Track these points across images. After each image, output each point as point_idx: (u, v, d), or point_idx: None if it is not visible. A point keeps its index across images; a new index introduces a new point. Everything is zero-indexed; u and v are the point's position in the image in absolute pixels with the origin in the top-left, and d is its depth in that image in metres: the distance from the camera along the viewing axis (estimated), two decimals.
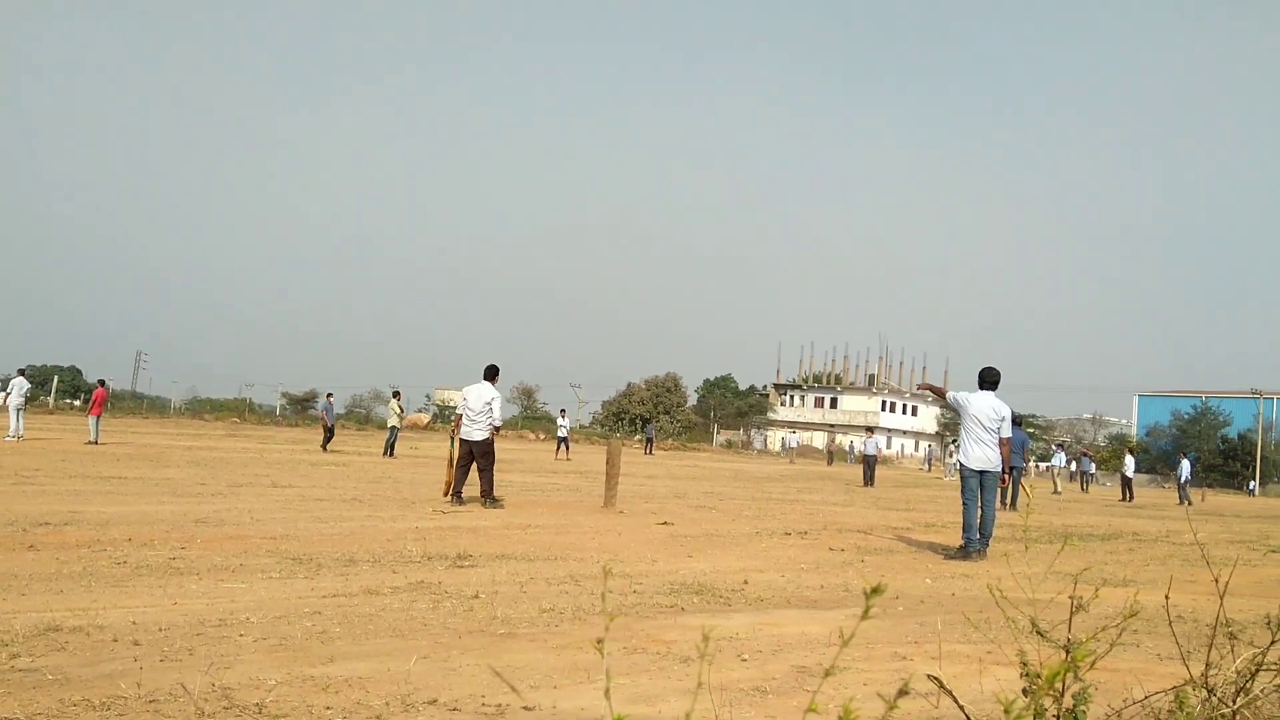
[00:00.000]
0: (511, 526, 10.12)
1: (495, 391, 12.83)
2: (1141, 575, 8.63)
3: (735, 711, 3.61)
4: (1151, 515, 20.69)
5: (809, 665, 4.50)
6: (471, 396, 12.70)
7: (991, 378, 10.02)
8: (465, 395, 12.81)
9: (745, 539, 10.28)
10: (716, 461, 43.93)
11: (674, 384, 77.70)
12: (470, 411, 12.61)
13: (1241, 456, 64.49)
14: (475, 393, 12.73)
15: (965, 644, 5.10)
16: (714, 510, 14.02)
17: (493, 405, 12.68)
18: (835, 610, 6.15)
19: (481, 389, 12.76)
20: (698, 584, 6.88)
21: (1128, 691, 3.49)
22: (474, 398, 12.68)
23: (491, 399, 12.69)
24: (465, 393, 12.83)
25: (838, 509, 16.09)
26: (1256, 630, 3.01)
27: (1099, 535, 13.39)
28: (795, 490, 21.98)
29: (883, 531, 12.16)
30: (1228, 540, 13.89)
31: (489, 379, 12.95)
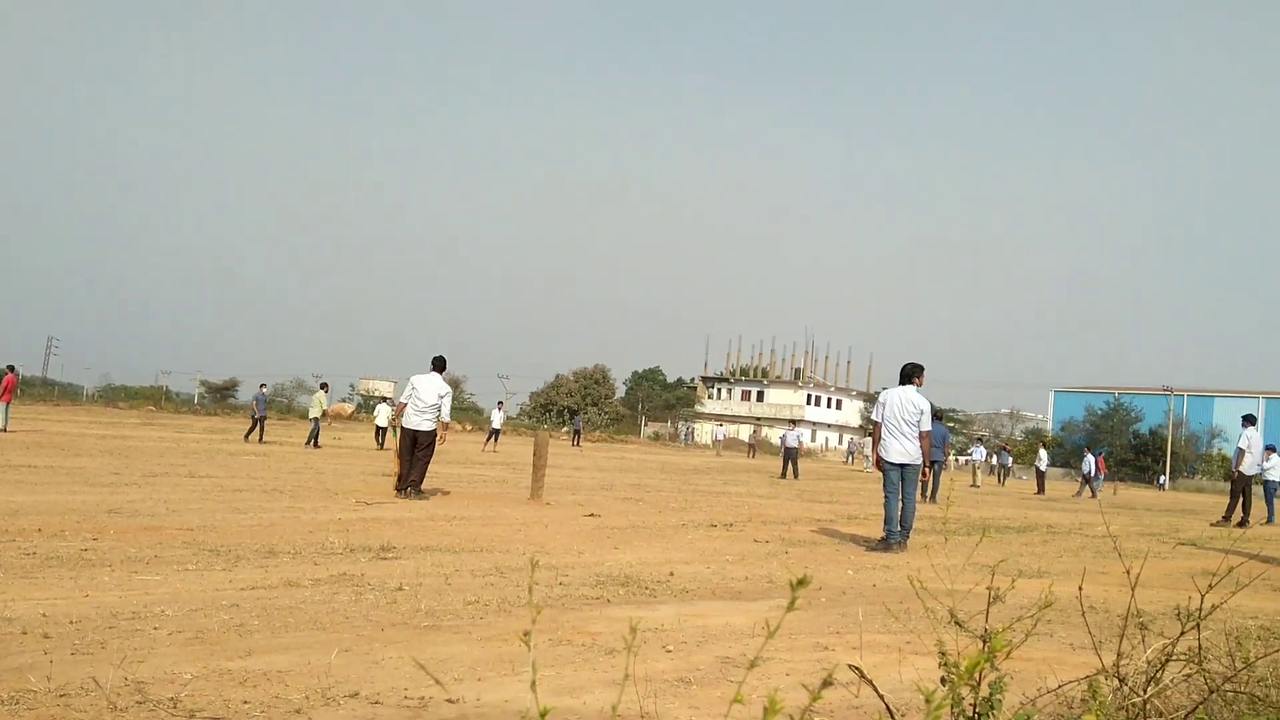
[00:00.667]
0: (436, 518, 10.03)
1: (447, 386, 12.77)
2: (1056, 567, 8.84)
3: (660, 703, 3.62)
4: (1065, 508, 21.22)
5: (733, 656, 4.53)
6: (422, 387, 12.58)
7: (912, 372, 10.20)
8: (415, 385, 12.65)
9: (671, 531, 10.32)
10: (644, 453, 44.04)
11: (602, 376, 77.74)
12: (420, 402, 12.50)
13: (1153, 451, 66.50)
14: (426, 383, 12.61)
15: (886, 634, 5.18)
16: (641, 502, 14.06)
17: (444, 400, 12.63)
18: (759, 601, 6.20)
19: (433, 380, 12.66)
20: (624, 576, 6.89)
21: (1042, 681, 3.58)
22: (425, 388, 12.56)
23: (444, 393, 12.63)
24: (415, 382, 12.68)
25: (763, 501, 16.24)
26: (1167, 621, 3.10)
27: (1015, 528, 13.70)
28: (721, 482, 22.13)
29: (806, 523, 12.30)
30: (1139, 533, 14.32)
31: (437, 370, 12.87)
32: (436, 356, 12.93)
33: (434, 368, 12.85)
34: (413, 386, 12.67)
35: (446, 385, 12.76)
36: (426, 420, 12.49)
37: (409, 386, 12.77)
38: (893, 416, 9.99)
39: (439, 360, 12.94)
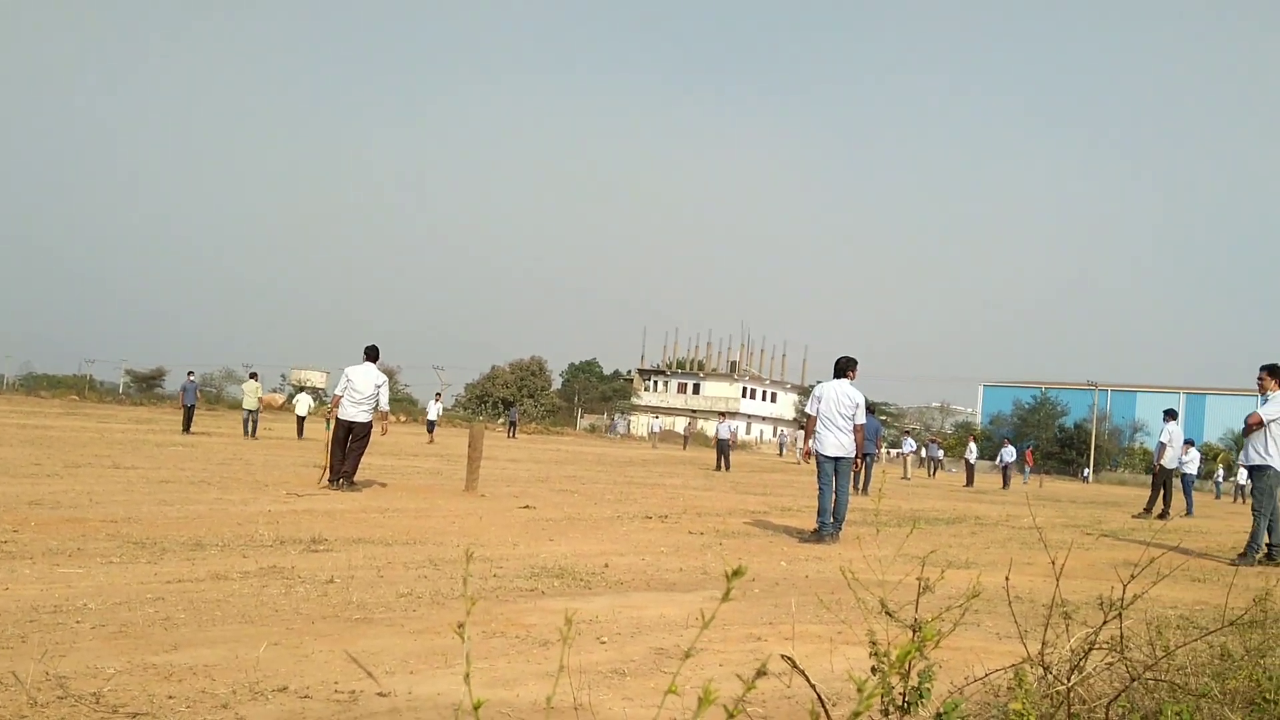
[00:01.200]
0: (369, 510, 9.92)
1: (383, 375, 12.69)
2: (983, 558, 9.01)
3: (594, 694, 3.62)
4: (993, 500, 21.64)
5: (667, 647, 4.55)
6: (357, 378, 12.47)
7: (846, 366, 10.31)
8: (350, 376, 12.52)
9: (607, 523, 10.33)
10: (580, 445, 43.99)
11: (539, 367, 77.44)
12: (356, 393, 12.38)
13: (1077, 445, 68.04)
14: (361, 374, 12.51)
15: (818, 624, 5.23)
16: (576, 494, 14.04)
17: (381, 390, 12.55)
18: (694, 593, 6.23)
19: (368, 371, 12.57)
20: (558, 567, 6.87)
21: (969, 669, 3.64)
22: (360, 379, 12.46)
23: (381, 383, 12.55)
24: (349, 373, 12.55)
25: (698, 493, 16.32)
26: (1090, 610, 3.17)
27: (944, 519, 13.93)
28: (657, 474, 22.19)
29: (740, 515, 12.38)
30: (1063, 525, 14.64)
31: (371, 359, 12.76)
32: (369, 346, 12.82)
33: (367, 358, 12.75)
34: (347, 378, 12.54)
35: (382, 375, 12.67)
36: (363, 411, 12.39)
37: (344, 378, 12.63)
38: (828, 410, 10.09)
39: (372, 350, 12.82)
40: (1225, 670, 3.30)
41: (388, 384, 12.76)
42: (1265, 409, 9.90)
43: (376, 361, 12.83)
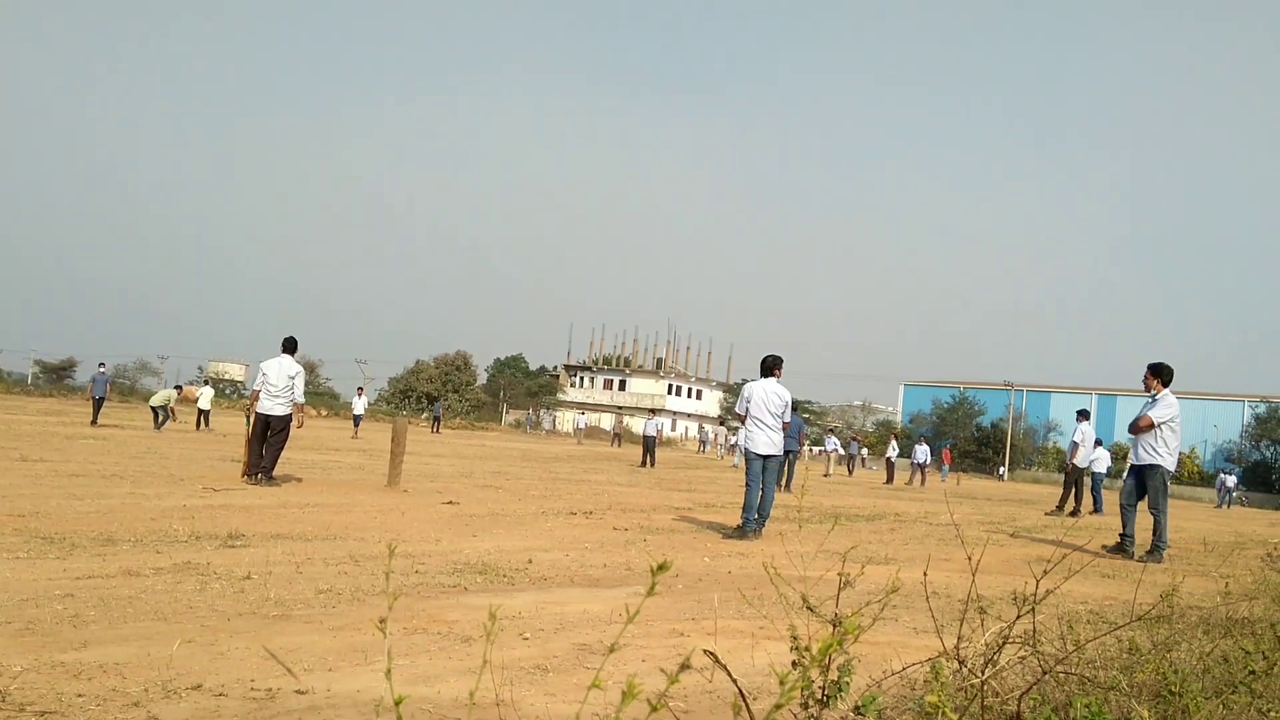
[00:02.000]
0: (288, 505, 9.75)
1: (298, 366, 12.52)
2: (902, 554, 9.16)
3: (516, 690, 3.61)
4: (912, 497, 22.01)
5: (590, 643, 4.55)
6: (272, 371, 12.31)
7: (774, 364, 10.41)
8: (265, 370, 12.37)
9: (531, 518, 10.29)
10: (505, 441, 43.75)
11: (464, 362, 76.77)
12: (272, 386, 12.22)
13: (994, 443, 69.46)
14: (275, 367, 12.34)
15: (740, 620, 5.27)
16: (500, 490, 13.96)
17: (295, 381, 12.39)
18: (617, 589, 6.24)
19: (282, 363, 12.39)
20: (482, 563, 6.83)
21: (888, 663, 3.69)
22: (275, 372, 12.29)
23: (294, 374, 12.38)
24: (264, 368, 12.40)
25: (623, 489, 16.33)
26: (1004, 605, 3.24)
27: (865, 516, 14.13)
28: (582, 470, 22.16)
29: (665, 511, 12.42)
30: (979, 522, 14.94)
31: (288, 351, 12.57)
32: (286, 338, 12.64)
33: (285, 349, 12.58)
34: (263, 373, 12.40)
35: (297, 366, 12.52)
36: (280, 404, 12.24)
37: (259, 373, 12.48)
38: (759, 409, 10.19)
39: (289, 341, 12.65)
40: (1133, 664, 3.40)
41: (302, 375, 12.61)
42: (1156, 411, 10.19)
43: (294, 353, 12.65)
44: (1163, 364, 10.34)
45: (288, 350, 12.58)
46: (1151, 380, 10.34)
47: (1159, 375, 10.32)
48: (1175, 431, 10.29)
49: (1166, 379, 10.34)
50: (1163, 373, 10.32)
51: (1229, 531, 17.99)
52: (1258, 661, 3.24)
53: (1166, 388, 10.33)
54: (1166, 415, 10.18)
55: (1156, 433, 10.17)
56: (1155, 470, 10.17)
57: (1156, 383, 10.32)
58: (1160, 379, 10.31)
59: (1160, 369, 10.33)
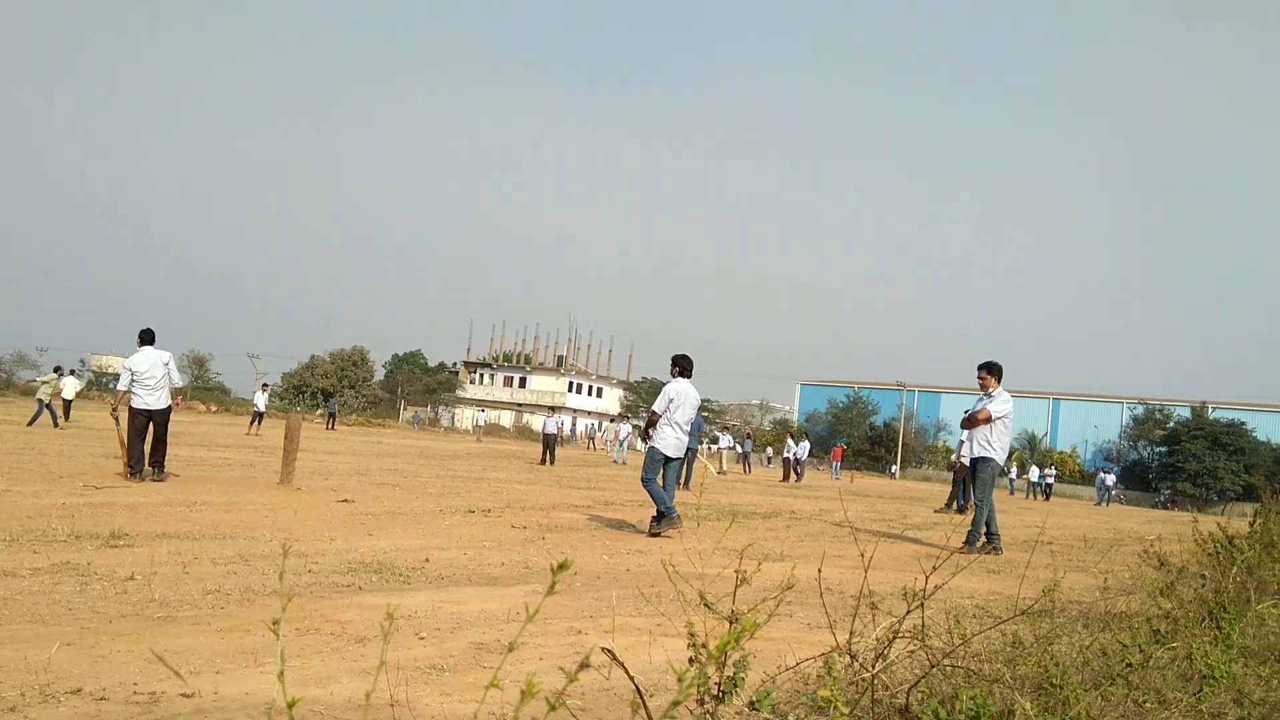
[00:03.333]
0: (175, 503, 9.46)
1: (167, 353, 12.25)
2: (797, 550, 9.31)
3: (411, 690, 3.56)
4: (807, 495, 22.37)
5: (488, 642, 4.51)
6: (143, 365, 11.98)
7: (690, 365, 10.47)
8: (133, 367, 12.04)
9: (428, 517, 10.17)
10: (403, 438, 43.14)
11: (361, 358, 75.42)
12: (150, 380, 11.93)
13: (886, 442, 71.12)
14: (145, 359, 12.02)
15: (638, 617, 5.30)
16: (397, 488, 13.76)
17: (170, 367, 12.14)
18: (516, 587, 6.21)
19: (148, 354, 12.09)
20: (377, 562, 6.73)
21: (782, 659, 3.75)
22: (147, 365, 11.97)
23: (167, 360, 12.13)
24: (133, 364, 12.06)
25: (522, 487, 16.25)
26: (895, 601, 3.32)
27: (761, 513, 14.32)
28: (481, 468, 21.98)
29: (564, 509, 12.41)
30: (872, 519, 15.28)
31: (148, 342, 12.27)
32: (144, 330, 12.36)
33: (145, 341, 12.30)
34: (131, 370, 12.08)
35: (166, 353, 12.29)
36: (162, 396, 12.02)
37: (126, 372, 12.14)
38: (679, 410, 10.25)
39: (148, 333, 12.37)
40: (1016, 657, 3.51)
41: (173, 359, 12.42)
42: (994, 406, 10.51)
43: (153, 343, 12.36)
44: (994, 362, 10.67)
45: (147, 341, 12.30)
46: (988, 379, 10.67)
47: (992, 372, 10.65)
48: (1008, 428, 10.63)
49: (999, 376, 10.69)
50: (996, 370, 10.66)
51: (1108, 529, 18.73)
52: (1134, 655, 3.38)
53: (999, 384, 10.68)
54: (1003, 411, 10.51)
55: (992, 427, 10.48)
56: (988, 463, 10.47)
57: (993, 380, 10.65)
58: (994, 376, 10.65)
59: (993, 366, 10.66)
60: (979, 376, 10.78)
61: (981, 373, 10.76)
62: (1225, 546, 7.10)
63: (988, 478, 10.52)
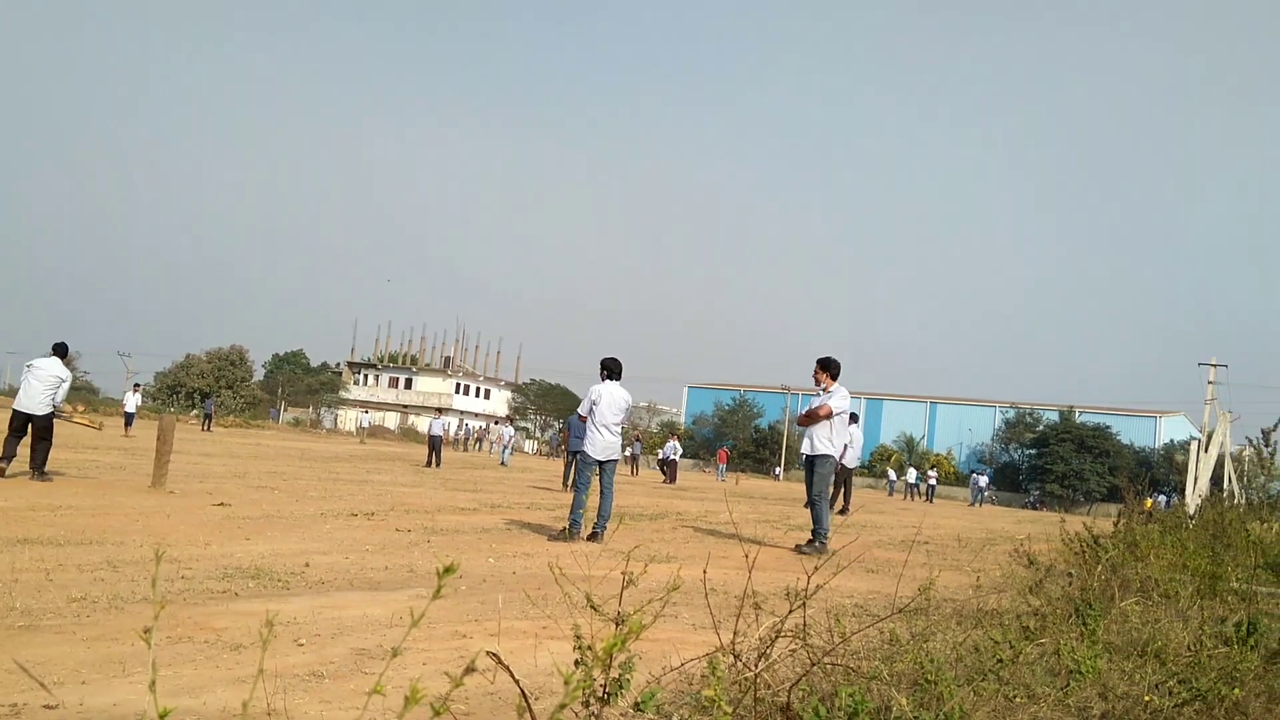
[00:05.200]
0: (38, 508, 9.04)
1: (67, 373, 12.56)
2: (683, 552, 9.38)
3: (289, 698, 3.48)
4: (693, 497, 22.58)
5: (370, 648, 4.44)
6: (38, 368, 12.33)
7: (618, 367, 10.43)
8: (32, 366, 12.38)
9: (309, 520, 9.94)
10: (283, 440, 42.07)
11: (239, 357, 73.22)
12: (40, 384, 12.17)
13: (770, 444, 72.29)
14: (41, 363, 12.40)
15: (524, 620, 5.27)
16: (276, 491, 13.41)
17: (62, 387, 12.41)
18: (399, 591, 6.12)
19: (51, 365, 12.39)
20: (254, 568, 6.55)
21: (667, 659, 3.78)
22: (44, 372, 12.28)
23: (65, 378, 12.46)
24: (34, 365, 12.37)
25: (407, 490, 16.02)
26: (778, 601, 3.38)
27: (648, 515, 14.39)
28: (364, 471, 21.58)
29: (450, 512, 12.27)
30: (756, 520, 15.49)
31: (58, 354, 12.65)
32: (59, 343, 12.74)
33: (56, 353, 12.69)
34: (29, 366, 12.46)
35: (66, 372, 12.60)
36: (42, 405, 12.14)
37: (26, 369, 12.53)
38: (603, 413, 10.21)
39: (60, 346, 12.75)
40: (893, 654, 3.61)
41: (69, 383, 12.69)
42: (834, 401, 10.41)
43: (65, 358, 12.77)
44: (831, 358, 10.59)
45: (58, 354, 12.65)
46: (822, 375, 10.55)
47: (827, 369, 10.54)
48: (845, 425, 10.59)
49: (834, 373, 10.57)
50: (830, 366, 10.56)
51: (981, 529, 19.37)
52: (1005, 651, 3.51)
53: (836, 381, 10.56)
54: (842, 406, 10.43)
55: (830, 424, 10.38)
56: (826, 460, 10.38)
57: (826, 376, 10.53)
58: (829, 373, 10.55)
59: (828, 363, 10.57)
60: (815, 374, 10.64)
61: (817, 369, 10.62)
62: (1091, 546, 7.42)
63: (826, 474, 10.43)
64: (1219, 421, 39.70)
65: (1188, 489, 35.02)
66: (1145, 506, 14.91)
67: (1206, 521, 11.95)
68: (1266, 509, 15.98)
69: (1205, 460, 35.88)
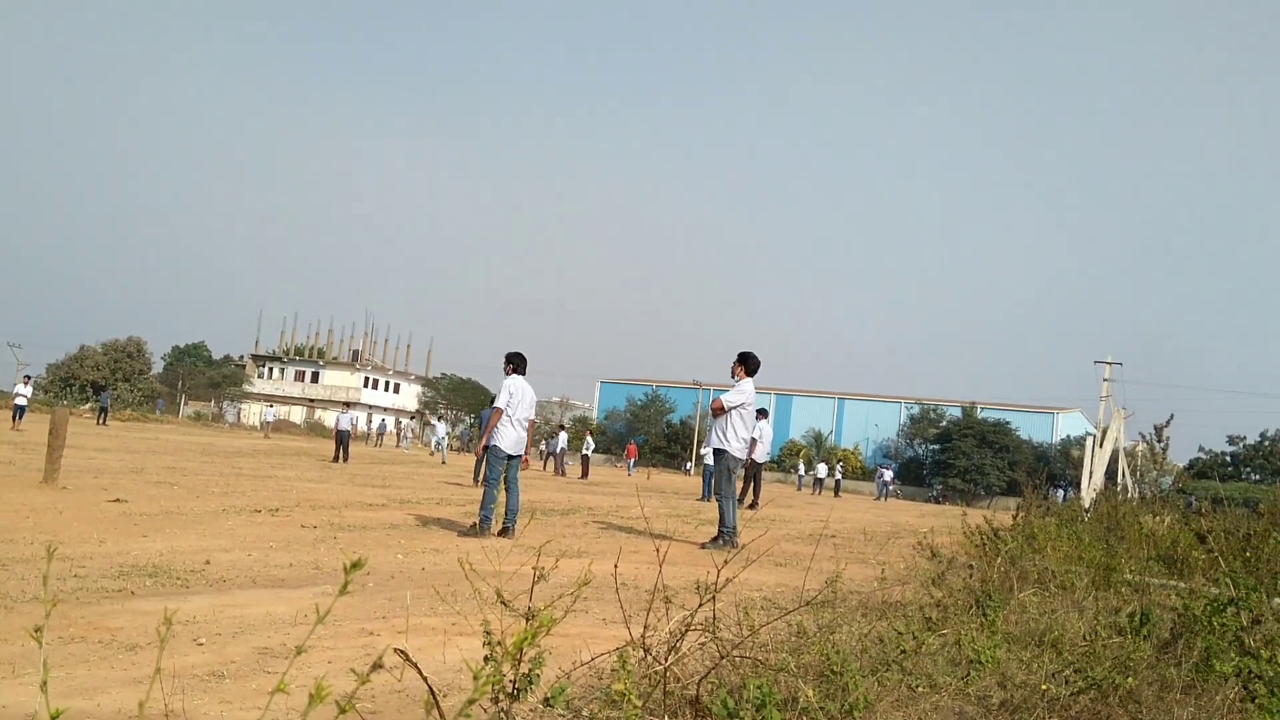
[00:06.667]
0: None
1: None
2: (594, 547, 9.38)
3: (189, 699, 3.39)
4: (605, 491, 22.61)
5: (273, 646, 4.35)
6: None
7: (523, 361, 10.37)
8: None
9: (210, 517, 9.69)
10: (183, 434, 40.93)
11: (136, 349, 71.12)
12: None
13: (682, 440, 72.71)
14: None
15: (433, 617, 5.22)
16: (176, 486, 13.05)
17: None
18: (305, 589, 6.00)
19: None
20: (152, 565, 6.36)
21: (578, 654, 3.78)
22: None
23: None
24: None
25: (313, 485, 15.72)
26: (688, 595, 3.39)
27: (560, 510, 14.36)
28: (269, 466, 21.12)
29: (358, 508, 12.08)
30: (668, 515, 15.56)
31: None
32: None
33: None
34: None
35: None
36: None
37: None
38: (520, 406, 10.17)
39: None
40: (801, 646, 3.66)
41: None
42: (728, 396, 10.45)
43: None
44: (749, 353, 10.55)
45: None
46: (739, 369, 10.51)
47: (743, 363, 10.51)
48: (744, 420, 10.49)
49: (751, 368, 10.51)
50: (748, 361, 10.51)
51: (886, 522, 19.75)
52: (908, 641, 3.58)
53: (750, 377, 10.50)
54: (737, 401, 10.36)
55: (728, 419, 10.36)
56: (723, 456, 10.36)
57: (742, 371, 10.48)
58: (745, 367, 10.48)
59: (747, 358, 10.52)
60: (732, 367, 10.58)
61: (735, 363, 10.57)
62: (991, 539, 7.64)
63: (723, 470, 10.33)
64: (1113, 418, 41.17)
65: (1083, 483, 36.26)
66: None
67: (1101, 515, 12.37)
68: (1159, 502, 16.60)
69: (1100, 455, 37.16)
